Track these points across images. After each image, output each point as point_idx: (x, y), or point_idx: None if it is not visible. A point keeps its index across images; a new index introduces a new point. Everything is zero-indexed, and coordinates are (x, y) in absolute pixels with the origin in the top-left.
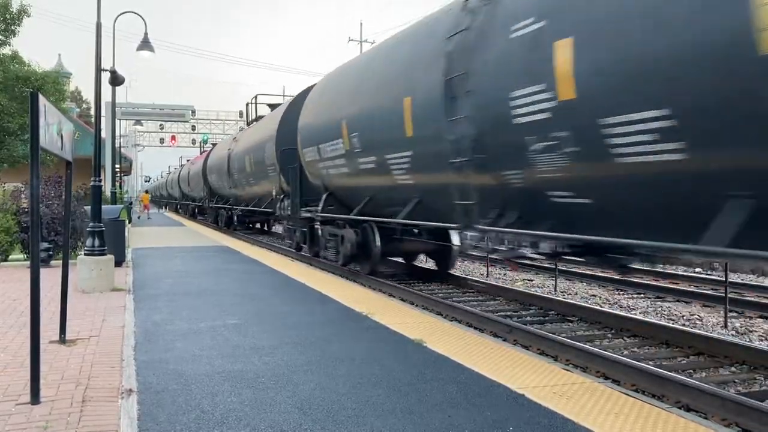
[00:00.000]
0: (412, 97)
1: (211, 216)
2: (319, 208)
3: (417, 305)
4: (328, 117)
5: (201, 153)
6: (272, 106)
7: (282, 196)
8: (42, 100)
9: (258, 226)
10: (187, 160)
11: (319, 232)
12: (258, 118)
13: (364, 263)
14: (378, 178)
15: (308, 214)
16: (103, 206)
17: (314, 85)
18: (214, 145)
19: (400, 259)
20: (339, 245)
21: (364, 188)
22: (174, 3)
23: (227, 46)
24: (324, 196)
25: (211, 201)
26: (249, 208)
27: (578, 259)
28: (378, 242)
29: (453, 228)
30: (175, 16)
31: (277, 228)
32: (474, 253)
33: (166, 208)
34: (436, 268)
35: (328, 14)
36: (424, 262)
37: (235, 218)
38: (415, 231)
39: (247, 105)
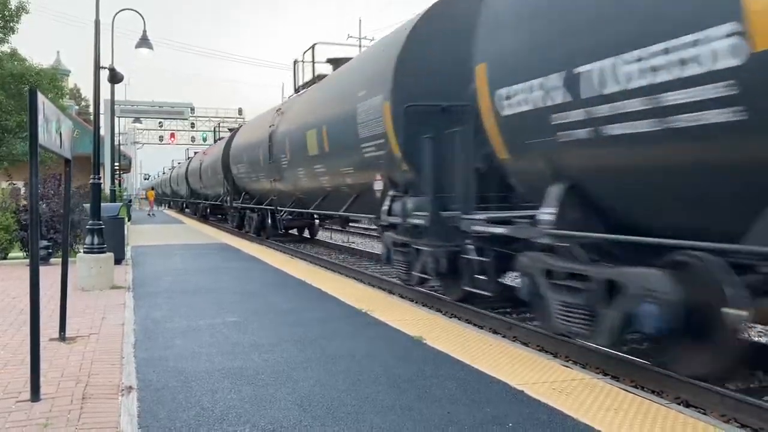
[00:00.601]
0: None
1: (233, 218)
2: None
3: (417, 302)
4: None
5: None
6: (336, 62)
7: (392, 191)
8: (41, 97)
9: (294, 231)
10: (195, 152)
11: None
12: (318, 78)
13: None
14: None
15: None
16: (102, 204)
17: None
18: (234, 130)
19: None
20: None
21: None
22: (173, 2)
23: (227, 45)
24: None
25: (235, 199)
26: (311, 210)
27: None
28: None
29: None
30: (175, 15)
31: (323, 235)
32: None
33: (165, 206)
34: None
35: (328, 13)
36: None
37: (279, 222)
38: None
39: (295, 63)
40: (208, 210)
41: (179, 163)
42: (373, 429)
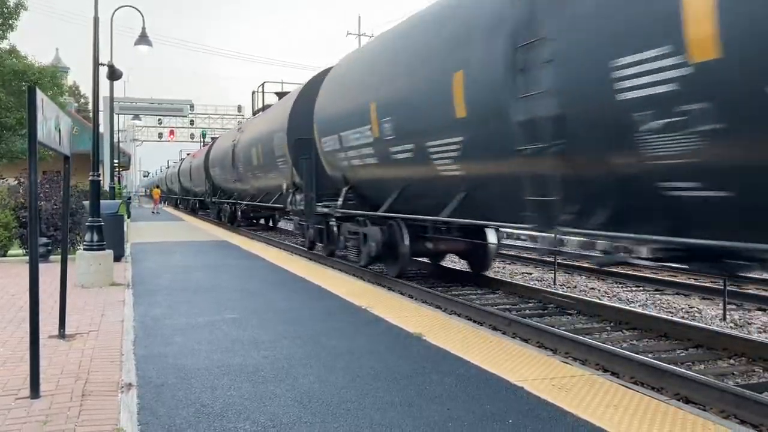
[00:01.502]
0: (464, 71)
1: (213, 211)
2: (339, 203)
3: (416, 299)
4: (353, 101)
5: (203, 146)
6: (280, 95)
7: (293, 190)
8: (39, 94)
9: (262, 222)
10: (188, 154)
11: (336, 229)
12: (265, 107)
13: (391, 265)
14: (415, 168)
15: (326, 210)
16: (102, 201)
17: (331, 68)
18: (214, 139)
19: (424, 259)
20: (361, 244)
21: (394, 180)
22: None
23: (226, 44)
24: (344, 190)
25: (214, 196)
26: (255, 203)
27: (680, 265)
28: (407, 241)
29: (525, 228)
30: (173, 12)
31: (286, 224)
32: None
33: (164, 203)
34: (469, 269)
35: (327, 11)
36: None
37: (239, 213)
38: (444, 228)
39: (253, 93)
40: (197, 205)
41: (174, 163)
42: (372, 425)
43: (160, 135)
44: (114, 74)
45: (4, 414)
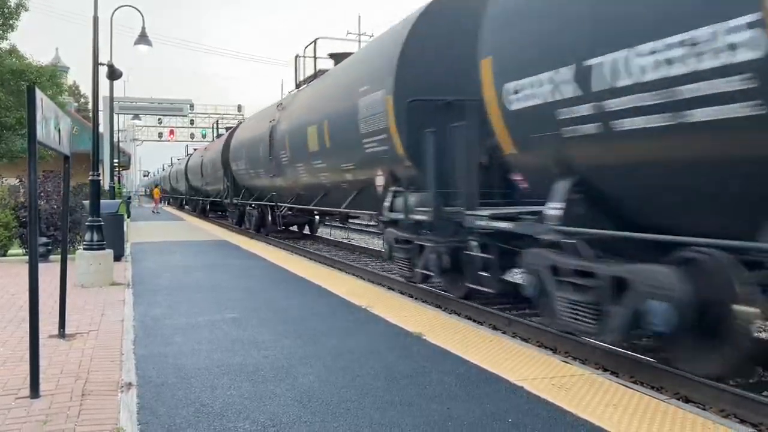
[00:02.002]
0: None
1: (233, 215)
2: (557, 210)
3: (416, 298)
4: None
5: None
6: (337, 58)
7: (394, 187)
8: (39, 94)
9: (295, 228)
10: (195, 149)
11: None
12: (319, 73)
13: None
14: None
15: (498, 225)
16: (101, 201)
17: None
18: (232, 128)
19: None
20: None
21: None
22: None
23: (226, 43)
24: (566, 185)
25: (236, 196)
26: (311, 206)
27: None
28: None
29: None
30: (174, 12)
31: (322, 231)
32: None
33: (165, 203)
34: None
35: (327, 10)
36: None
37: (271, 219)
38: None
39: (296, 58)
40: (208, 206)
41: (178, 160)
42: (372, 425)
43: (160, 135)
44: (114, 74)
45: (4, 414)
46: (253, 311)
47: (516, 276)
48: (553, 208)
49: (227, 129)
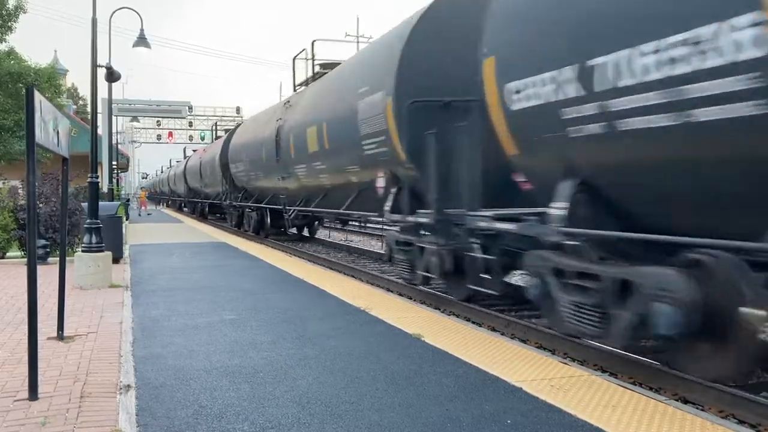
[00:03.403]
0: None
1: (232, 217)
2: (562, 210)
3: (415, 300)
4: None
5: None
6: (327, 67)
7: (395, 188)
8: (38, 96)
9: (294, 230)
10: (193, 151)
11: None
12: (317, 75)
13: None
14: None
15: (484, 223)
16: (100, 203)
17: None
18: (231, 129)
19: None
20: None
21: None
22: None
23: (225, 45)
24: (571, 186)
25: (236, 198)
26: (311, 208)
27: None
28: None
29: None
30: (173, 13)
31: (320, 233)
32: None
33: (164, 204)
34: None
35: (326, 11)
36: None
37: (288, 221)
38: None
39: (294, 60)
40: (207, 209)
41: (177, 162)
42: (371, 426)
43: (159, 137)
44: (112, 76)
45: (3, 416)
46: (252, 313)
47: (517, 277)
48: (557, 209)
49: (226, 131)
